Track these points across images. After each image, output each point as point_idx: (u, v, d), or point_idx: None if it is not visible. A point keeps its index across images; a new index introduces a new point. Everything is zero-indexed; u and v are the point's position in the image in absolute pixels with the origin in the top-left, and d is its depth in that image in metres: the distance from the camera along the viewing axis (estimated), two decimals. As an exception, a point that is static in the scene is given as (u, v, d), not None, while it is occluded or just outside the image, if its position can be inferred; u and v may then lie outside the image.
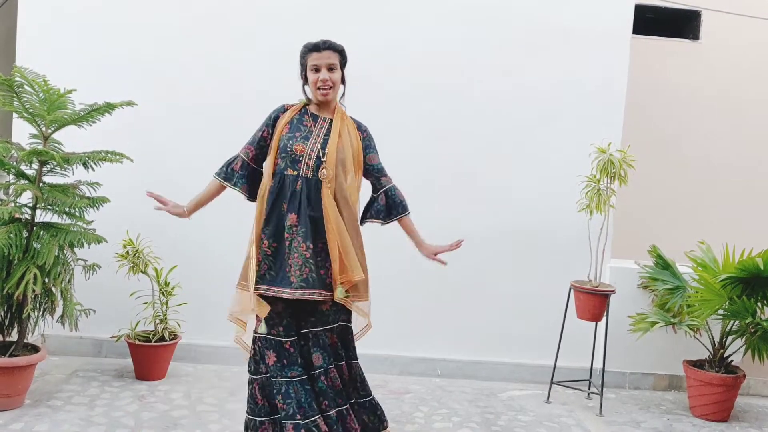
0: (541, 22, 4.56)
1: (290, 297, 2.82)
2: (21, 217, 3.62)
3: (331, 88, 2.93)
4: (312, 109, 3.03)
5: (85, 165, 3.76)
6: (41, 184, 3.67)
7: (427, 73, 4.49)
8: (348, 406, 2.99)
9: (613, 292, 4.13)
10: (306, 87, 3.04)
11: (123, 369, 4.23)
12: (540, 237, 4.58)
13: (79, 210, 3.77)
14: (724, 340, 4.20)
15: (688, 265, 4.39)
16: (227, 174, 3.13)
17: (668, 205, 6.06)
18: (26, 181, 3.67)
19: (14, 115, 3.87)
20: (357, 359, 3.08)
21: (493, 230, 4.58)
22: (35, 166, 3.68)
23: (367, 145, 3.09)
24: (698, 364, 4.26)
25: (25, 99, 3.59)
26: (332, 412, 2.91)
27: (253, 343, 3.04)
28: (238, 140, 4.44)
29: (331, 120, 2.99)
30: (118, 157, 3.78)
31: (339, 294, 2.86)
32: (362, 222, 3.10)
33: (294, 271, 2.83)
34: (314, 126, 2.97)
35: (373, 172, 3.10)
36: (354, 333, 3.08)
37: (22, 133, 3.87)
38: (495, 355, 4.62)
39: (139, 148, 4.13)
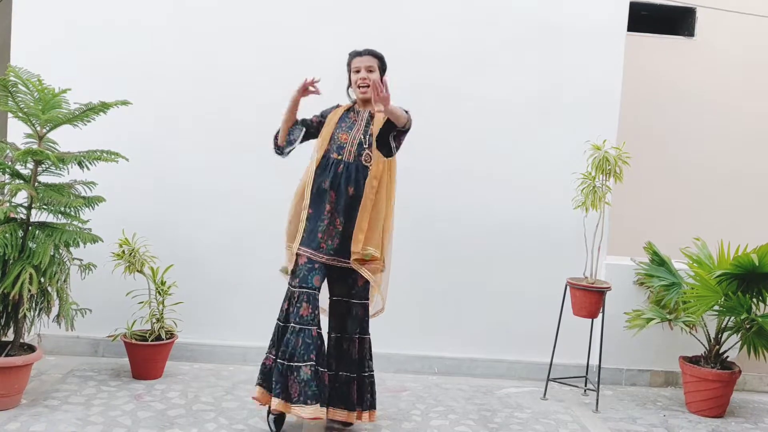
0: (536, 19, 4.56)
1: (319, 260, 3.34)
2: (16, 216, 3.62)
3: (368, 86, 3.36)
4: (357, 107, 3.51)
5: (80, 164, 3.76)
6: (36, 184, 3.67)
7: (422, 71, 4.49)
8: (356, 375, 3.43)
9: (609, 288, 4.14)
10: (350, 90, 3.53)
11: (120, 368, 4.23)
12: (536, 234, 4.59)
13: (75, 209, 3.76)
14: (719, 336, 4.22)
15: (683, 261, 4.40)
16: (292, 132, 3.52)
17: (664, 201, 6.07)
18: (21, 181, 3.66)
19: (9, 114, 3.86)
20: (369, 334, 3.52)
21: (488, 227, 4.59)
22: (30, 165, 3.68)
23: None
24: (694, 361, 4.28)
25: (20, 98, 3.58)
26: (343, 374, 3.41)
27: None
28: (234, 139, 4.48)
29: (371, 114, 3.43)
30: (113, 156, 3.77)
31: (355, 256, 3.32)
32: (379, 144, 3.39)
33: (327, 240, 3.35)
34: (357, 119, 3.45)
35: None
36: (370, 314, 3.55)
37: (17, 132, 3.86)
38: (491, 352, 4.63)
39: (134, 148, 4.13)
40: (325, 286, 3.47)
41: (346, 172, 3.34)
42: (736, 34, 6.08)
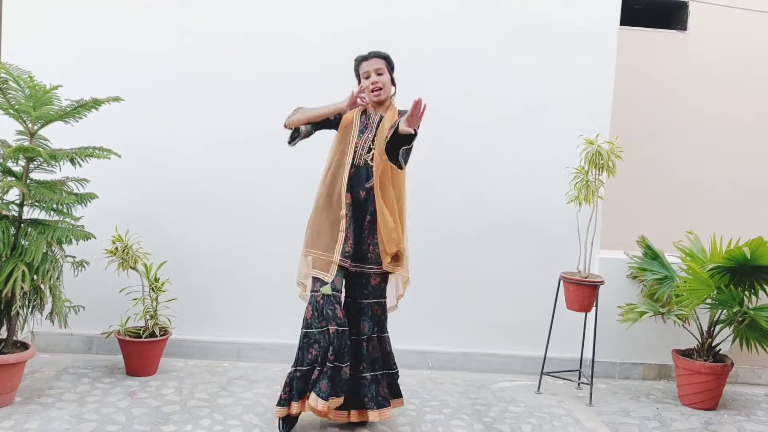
0: (529, 14, 4.56)
1: (344, 264, 3.32)
2: (8, 214, 3.61)
3: (381, 89, 3.39)
4: (369, 109, 3.49)
5: (72, 161, 3.75)
6: (28, 181, 3.65)
7: (415, 68, 4.47)
8: (383, 372, 3.47)
9: (602, 282, 4.15)
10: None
11: (113, 365, 4.22)
12: (529, 229, 4.60)
13: (67, 206, 3.75)
14: (712, 329, 4.24)
15: (676, 255, 4.42)
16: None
17: (657, 195, 6.09)
18: (13, 178, 3.64)
19: (0, 111, 3.84)
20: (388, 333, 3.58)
21: (482, 223, 4.60)
22: (22, 162, 3.66)
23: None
24: (687, 354, 4.30)
25: (11, 95, 3.56)
26: (368, 375, 3.41)
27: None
28: (228, 135, 4.47)
29: (382, 116, 3.42)
30: (105, 153, 3.76)
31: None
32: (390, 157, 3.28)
33: (345, 245, 3.32)
34: (369, 123, 3.44)
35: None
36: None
37: (8, 129, 3.84)
38: (486, 346, 4.65)
39: (126, 144, 4.12)
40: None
41: (357, 174, 3.37)
42: (729, 29, 6.10)
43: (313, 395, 3.23)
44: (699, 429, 3.84)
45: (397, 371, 3.58)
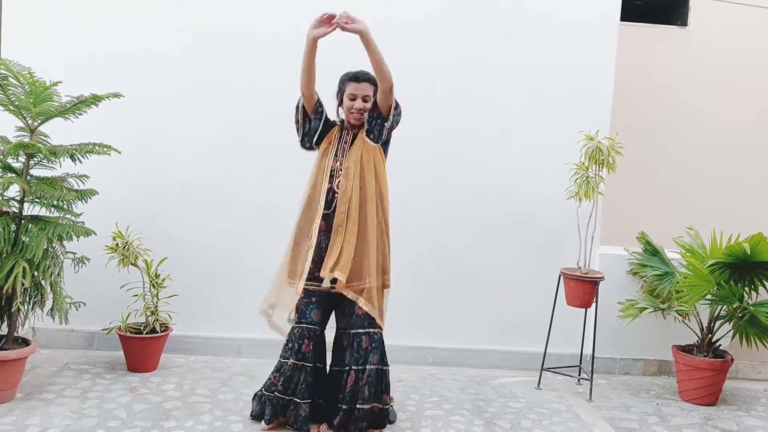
0: (530, 10, 4.55)
1: (317, 289, 3.29)
2: (9, 210, 3.61)
3: (362, 114, 3.35)
4: (345, 129, 3.44)
5: (72, 157, 3.75)
6: (29, 177, 3.66)
7: (413, 64, 4.48)
8: (358, 407, 3.28)
9: (602, 278, 4.15)
10: (340, 108, 3.45)
11: (114, 361, 4.23)
12: (529, 225, 4.60)
13: (68, 203, 3.75)
14: (712, 325, 4.24)
15: (676, 251, 4.42)
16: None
17: (657, 191, 6.08)
18: (13, 174, 3.64)
19: (0, 108, 3.84)
20: (387, 365, 3.42)
21: (482, 219, 4.60)
22: (22, 159, 3.66)
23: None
24: (687, 349, 4.30)
25: (11, 91, 3.56)
26: (344, 406, 3.27)
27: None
28: (227, 132, 4.47)
29: (355, 134, 3.39)
30: (105, 149, 3.75)
31: (325, 283, 3.27)
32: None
33: (314, 271, 3.28)
34: (344, 145, 3.39)
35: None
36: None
37: (8, 126, 3.84)
38: (486, 342, 4.65)
39: (126, 140, 4.11)
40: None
41: (334, 198, 3.29)
42: (729, 25, 6.09)
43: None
44: (699, 424, 3.85)
45: (373, 407, 3.31)
